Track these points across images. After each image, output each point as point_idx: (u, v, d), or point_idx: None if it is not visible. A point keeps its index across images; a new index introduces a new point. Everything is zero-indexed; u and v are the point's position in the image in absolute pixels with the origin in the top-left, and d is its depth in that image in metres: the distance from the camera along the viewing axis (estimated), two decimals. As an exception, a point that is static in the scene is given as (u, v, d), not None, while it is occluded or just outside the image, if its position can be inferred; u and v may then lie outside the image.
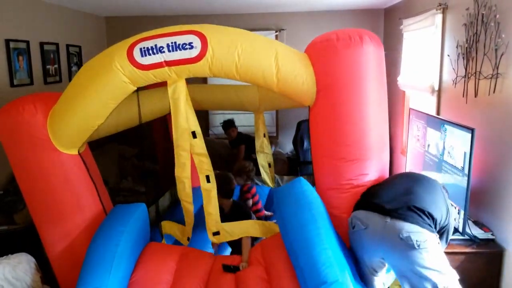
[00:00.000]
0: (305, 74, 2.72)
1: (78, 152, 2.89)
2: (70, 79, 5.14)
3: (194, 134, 2.87)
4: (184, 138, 2.84)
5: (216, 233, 3.01)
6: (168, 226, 3.32)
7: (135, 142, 5.26)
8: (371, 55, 2.66)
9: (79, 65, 5.47)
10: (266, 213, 4.10)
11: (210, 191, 2.93)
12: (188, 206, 2.98)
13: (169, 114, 4.22)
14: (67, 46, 5.20)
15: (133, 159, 5.32)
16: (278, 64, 2.69)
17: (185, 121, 2.82)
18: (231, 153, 5.61)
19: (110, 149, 5.14)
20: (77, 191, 2.83)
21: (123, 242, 2.53)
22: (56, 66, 4.93)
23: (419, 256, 2.24)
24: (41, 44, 4.61)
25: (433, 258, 2.25)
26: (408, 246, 2.25)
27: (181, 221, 3.21)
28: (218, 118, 6.33)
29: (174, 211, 4.09)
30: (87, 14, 5.77)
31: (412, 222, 2.30)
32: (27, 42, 4.35)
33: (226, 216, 3.20)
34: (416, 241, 2.24)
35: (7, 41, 4.04)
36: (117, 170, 5.04)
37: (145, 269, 2.62)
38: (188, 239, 3.12)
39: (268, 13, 6.09)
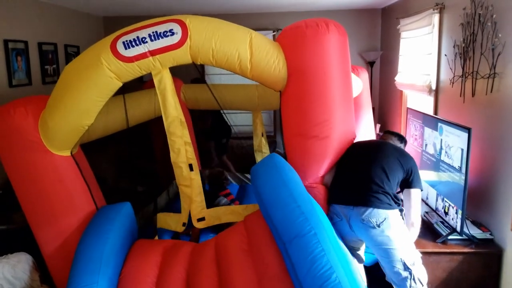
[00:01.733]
0: (277, 60, 2.83)
1: (71, 153, 2.91)
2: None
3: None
4: (175, 125, 2.91)
5: (201, 219, 3.08)
6: (162, 218, 3.33)
7: (133, 141, 5.26)
8: (336, 41, 2.81)
9: (77, 65, 5.47)
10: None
11: (194, 179, 3.00)
12: (186, 190, 3.02)
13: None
14: (65, 46, 5.20)
15: (131, 158, 5.32)
16: (252, 50, 2.79)
17: (174, 109, 2.90)
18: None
19: (109, 148, 5.13)
20: (70, 192, 2.85)
21: (111, 240, 2.57)
22: (54, 66, 4.93)
23: (382, 233, 2.51)
24: (40, 44, 4.62)
25: (395, 233, 2.51)
26: (370, 227, 2.53)
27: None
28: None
29: (171, 208, 4.10)
30: (85, 14, 5.77)
31: (369, 206, 2.55)
32: (26, 42, 4.36)
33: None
34: (376, 221, 2.52)
35: (6, 41, 4.04)
36: (115, 169, 5.04)
37: (131, 265, 2.66)
38: (184, 224, 3.14)
39: (265, 13, 6.11)
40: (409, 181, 2.71)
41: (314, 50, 2.77)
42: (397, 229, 2.54)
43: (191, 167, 2.98)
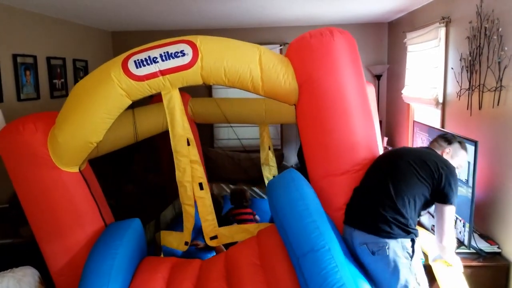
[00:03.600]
0: (286, 73, 2.84)
1: (79, 169, 2.91)
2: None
3: (187, 142, 2.96)
4: (182, 145, 2.93)
5: (214, 237, 3.07)
6: (165, 236, 3.32)
7: (140, 156, 5.27)
8: (342, 46, 2.81)
9: (86, 79, 5.52)
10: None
11: (204, 198, 3.00)
12: (189, 209, 3.02)
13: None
14: (74, 60, 5.26)
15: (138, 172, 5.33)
16: (262, 66, 2.82)
17: (181, 129, 2.93)
18: (236, 165, 5.61)
19: (117, 163, 5.14)
20: (78, 208, 2.84)
21: (119, 256, 2.56)
22: (62, 80, 4.97)
23: (375, 261, 2.40)
24: (48, 59, 4.67)
25: (392, 264, 2.36)
26: (365, 253, 2.44)
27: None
28: (222, 131, 6.36)
29: (176, 226, 4.09)
30: (93, 29, 5.84)
31: (367, 232, 2.43)
32: (34, 57, 4.41)
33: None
34: (372, 250, 2.40)
35: (15, 56, 4.09)
36: (122, 184, 5.05)
37: (139, 280, 2.65)
38: (187, 243, 3.13)
39: (272, 27, 6.14)
40: (440, 194, 2.45)
41: (320, 57, 2.78)
42: (396, 261, 2.36)
43: (201, 186, 2.99)
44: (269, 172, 4.76)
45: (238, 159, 5.74)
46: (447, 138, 2.72)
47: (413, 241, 2.40)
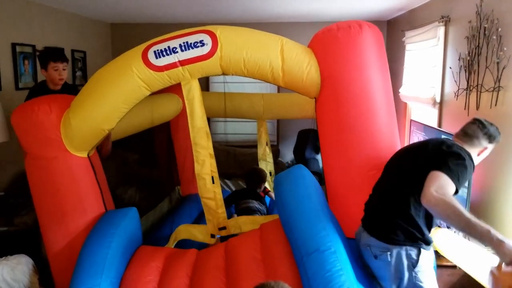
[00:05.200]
0: (309, 66, 2.79)
1: (88, 155, 2.93)
2: (74, 84, 5.17)
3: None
4: (201, 136, 2.93)
5: (222, 228, 3.08)
6: (185, 230, 3.28)
7: (137, 148, 5.26)
8: (370, 41, 2.76)
9: (84, 70, 5.51)
10: None
11: (215, 192, 3.00)
12: (208, 203, 3.01)
13: (172, 119, 4.32)
14: (72, 51, 5.24)
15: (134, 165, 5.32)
16: (284, 57, 2.77)
17: (201, 120, 2.93)
18: (232, 159, 5.61)
19: (115, 155, 5.14)
20: (82, 193, 2.87)
21: (115, 244, 2.58)
22: (60, 70, 4.95)
23: (378, 265, 2.31)
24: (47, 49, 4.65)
25: (387, 270, 2.25)
26: (368, 255, 2.34)
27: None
28: (219, 126, 6.36)
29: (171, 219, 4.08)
30: (93, 20, 5.82)
31: (373, 235, 2.31)
32: (33, 47, 4.39)
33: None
34: (375, 253, 2.29)
35: (14, 45, 4.08)
36: (119, 177, 5.04)
37: (133, 269, 2.66)
38: (213, 236, 3.13)
39: (270, 23, 6.13)
40: (432, 165, 2.10)
41: (347, 52, 2.73)
42: (399, 268, 2.21)
43: (212, 179, 2.99)
44: (265, 167, 4.77)
45: (234, 153, 5.74)
46: (481, 123, 2.35)
47: (419, 250, 2.20)
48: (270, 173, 4.80)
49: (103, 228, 2.70)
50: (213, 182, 2.98)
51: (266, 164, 4.82)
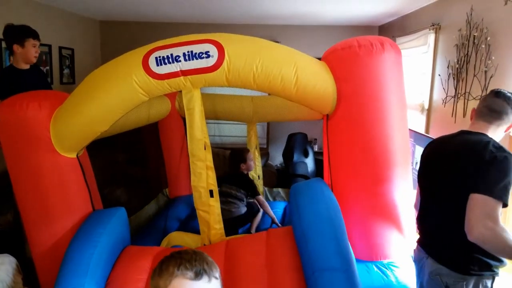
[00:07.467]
0: (325, 83, 2.67)
1: (77, 155, 2.84)
2: (61, 81, 5.11)
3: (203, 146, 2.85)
4: (199, 148, 2.80)
5: None
6: (178, 237, 3.24)
7: (126, 148, 5.23)
8: (392, 62, 2.64)
9: (71, 67, 5.44)
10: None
11: (214, 206, 2.90)
12: (204, 215, 2.93)
13: (160, 121, 4.29)
14: (60, 48, 5.18)
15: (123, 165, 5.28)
16: (298, 74, 2.63)
17: (200, 132, 2.79)
18: (221, 162, 5.59)
19: (103, 155, 5.09)
20: (70, 194, 2.79)
21: (101, 244, 2.53)
22: (48, 68, 4.90)
23: None
24: (34, 45, 4.59)
25: None
26: (438, 284, 2.07)
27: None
28: (210, 127, 6.33)
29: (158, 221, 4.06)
30: (82, 17, 5.76)
31: (444, 265, 2.04)
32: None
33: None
34: (446, 283, 2.03)
35: None
36: (107, 177, 4.99)
37: (120, 270, 2.61)
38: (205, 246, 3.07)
39: (264, 24, 6.13)
40: (467, 184, 1.86)
41: (368, 71, 2.59)
42: None
43: (211, 193, 2.88)
44: (254, 171, 4.75)
45: (223, 156, 5.72)
46: (503, 96, 2.03)
47: (494, 278, 1.98)
48: (259, 176, 4.78)
49: (90, 228, 2.65)
50: (212, 196, 2.88)
51: (255, 168, 4.79)
